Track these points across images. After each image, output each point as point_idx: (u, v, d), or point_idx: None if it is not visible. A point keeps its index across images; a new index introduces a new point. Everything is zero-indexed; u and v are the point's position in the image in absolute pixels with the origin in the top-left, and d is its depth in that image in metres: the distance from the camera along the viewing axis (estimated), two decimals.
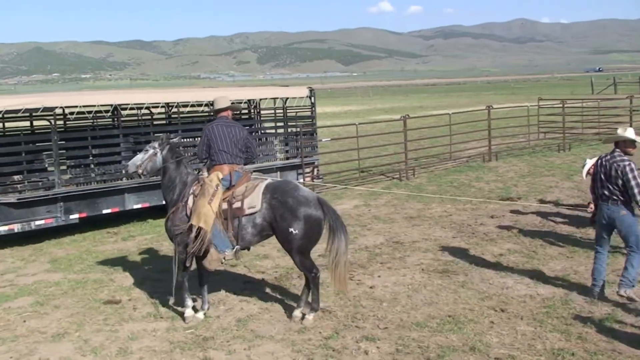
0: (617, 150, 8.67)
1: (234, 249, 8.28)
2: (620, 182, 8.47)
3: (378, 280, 9.91)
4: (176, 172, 8.80)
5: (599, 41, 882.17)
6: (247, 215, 8.19)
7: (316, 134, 18.91)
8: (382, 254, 11.41)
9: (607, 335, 7.51)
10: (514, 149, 24.09)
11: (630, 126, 9.15)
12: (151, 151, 8.94)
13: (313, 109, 18.44)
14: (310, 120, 18.41)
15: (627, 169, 8.41)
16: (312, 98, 18.28)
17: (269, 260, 11.31)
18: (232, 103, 9.22)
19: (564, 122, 25.22)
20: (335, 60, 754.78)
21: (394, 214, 14.67)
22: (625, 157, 8.55)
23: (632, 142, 8.60)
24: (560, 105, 25.90)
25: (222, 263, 8.44)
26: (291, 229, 8.05)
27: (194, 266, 8.79)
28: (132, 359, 7.44)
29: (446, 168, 20.98)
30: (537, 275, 9.76)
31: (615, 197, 8.57)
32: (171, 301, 8.92)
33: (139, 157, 8.93)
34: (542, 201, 15.09)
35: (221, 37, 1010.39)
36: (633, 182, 8.36)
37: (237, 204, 8.20)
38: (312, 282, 8.33)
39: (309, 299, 8.46)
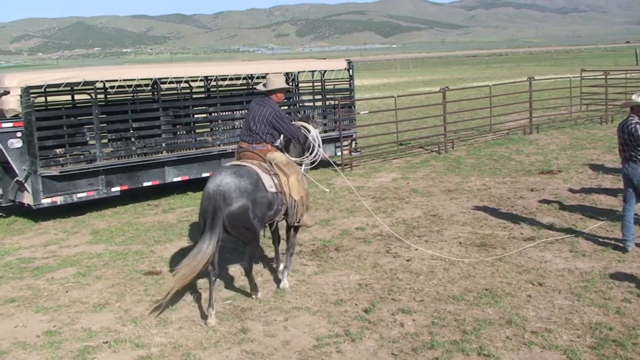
0: (632, 114, 9.39)
1: None
2: (633, 142, 9.21)
3: (415, 254, 9.91)
4: None
5: None
6: None
7: (354, 106, 18.86)
8: (420, 227, 11.40)
9: None
10: (556, 121, 23.73)
11: None
12: None
13: (351, 81, 18.38)
14: (349, 93, 18.37)
15: (633, 128, 9.21)
16: (351, 70, 18.22)
17: (307, 233, 11.35)
18: (285, 84, 9.03)
19: (607, 93, 24.68)
20: (374, 32, 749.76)
21: (432, 187, 14.60)
22: (636, 118, 9.31)
23: None
24: (603, 77, 25.36)
25: None
26: None
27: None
28: (172, 329, 7.57)
29: (486, 141, 20.76)
30: (576, 249, 9.66)
31: (634, 157, 9.34)
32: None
33: None
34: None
35: (260, 10, 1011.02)
36: (639, 141, 9.17)
37: None
38: None
39: None
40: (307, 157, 9.20)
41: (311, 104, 18.38)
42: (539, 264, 9.12)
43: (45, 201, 12.76)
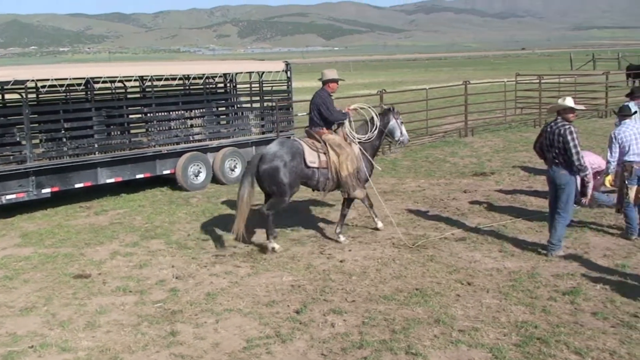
0: (560, 118, 9.58)
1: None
2: (561, 145, 9.34)
3: (348, 254, 9.97)
4: None
5: (580, 17, 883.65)
6: None
7: (292, 108, 18.84)
8: (354, 228, 11.48)
9: (571, 309, 7.61)
10: (491, 125, 24.18)
11: (569, 97, 9.75)
12: None
13: (289, 83, 18.35)
14: (287, 94, 18.33)
15: (567, 132, 9.31)
16: (289, 72, 18.16)
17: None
18: (335, 76, 11.06)
19: (540, 97, 25.30)
20: (316, 35, 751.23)
21: (368, 188, 14.59)
22: (567, 123, 9.46)
23: (572, 109, 9.54)
24: (537, 81, 25.97)
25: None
26: None
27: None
28: (99, 333, 7.45)
29: (422, 143, 21.03)
30: (505, 249, 9.87)
31: (557, 160, 9.49)
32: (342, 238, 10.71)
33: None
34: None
35: (202, 10, 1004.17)
36: (571, 144, 9.25)
37: None
38: None
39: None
40: (363, 135, 10.87)
41: (248, 105, 18.29)
42: (468, 264, 9.28)
43: None
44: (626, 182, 10.20)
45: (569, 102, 9.53)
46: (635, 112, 11.21)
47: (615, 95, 27.09)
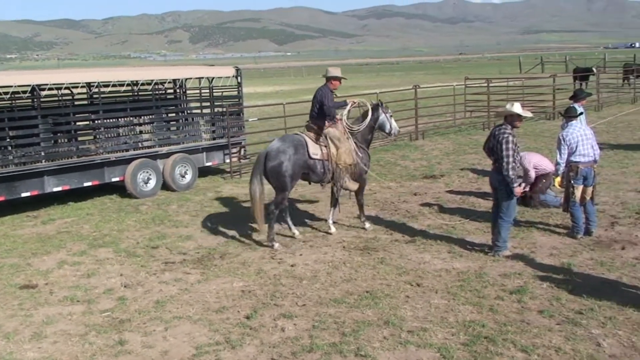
0: (505, 123, 9.60)
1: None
2: (499, 152, 9.40)
3: (299, 259, 9.98)
4: None
5: (529, 21, 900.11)
6: None
7: (243, 113, 18.76)
8: (305, 232, 11.49)
9: (518, 307, 7.73)
10: (441, 128, 24.44)
11: (517, 102, 9.82)
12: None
13: (240, 88, 18.28)
14: (237, 100, 18.26)
15: (504, 140, 9.36)
16: (239, 78, 18.09)
17: (192, 241, 11.26)
18: (338, 74, 11.27)
19: (489, 100, 25.66)
20: (269, 40, 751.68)
21: (320, 192, 14.71)
22: (508, 130, 9.49)
23: (519, 116, 9.56)
24: (486, 85, 26.33)
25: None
26: None
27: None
28: (46, 343, 7.31)
29: (373, 147, 21.09)
30: (454, 250, 9.98)
31: (497, 164, 9.55)
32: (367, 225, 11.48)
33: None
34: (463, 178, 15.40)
35: (152, 16, 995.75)
36: (504, 153, 9.31)
37: None
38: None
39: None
40: (357, 127, 11.29)
41: (199, 111, 18.17)
42: (418, 265, 9.37)
43: None
44: (572, 182, 10.39)
45: (516, 108, 9.52)
46: (581, 113, 11.46)
47: (562, 97, 27.52)
